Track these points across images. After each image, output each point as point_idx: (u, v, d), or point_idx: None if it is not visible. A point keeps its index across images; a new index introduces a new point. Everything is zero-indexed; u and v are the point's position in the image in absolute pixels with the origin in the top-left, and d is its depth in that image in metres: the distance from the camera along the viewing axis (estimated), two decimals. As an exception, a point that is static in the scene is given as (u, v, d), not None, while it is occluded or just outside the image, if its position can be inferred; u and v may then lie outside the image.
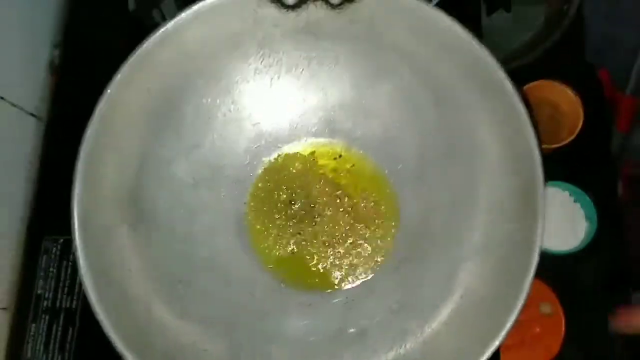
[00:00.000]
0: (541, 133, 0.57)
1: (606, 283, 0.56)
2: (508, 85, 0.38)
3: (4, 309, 0.50)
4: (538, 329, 0.54)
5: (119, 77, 0.39)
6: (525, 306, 0.54)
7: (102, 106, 0.39)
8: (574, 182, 0.56)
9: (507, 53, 0.61)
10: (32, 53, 0.56)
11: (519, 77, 0.46)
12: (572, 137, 0.55)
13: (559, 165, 0.57)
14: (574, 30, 0.59)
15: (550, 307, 0.54)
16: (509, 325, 0.35)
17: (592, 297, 0.56)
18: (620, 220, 0.57)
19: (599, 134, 0.59)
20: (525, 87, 0.56)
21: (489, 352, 0.34)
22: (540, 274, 0.54)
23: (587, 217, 0.55)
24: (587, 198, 0.55)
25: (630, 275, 0.56)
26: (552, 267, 0.56)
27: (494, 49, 0.39)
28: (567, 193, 0.56)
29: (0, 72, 0.50)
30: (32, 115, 0.56)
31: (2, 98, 0.51)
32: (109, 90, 0.38)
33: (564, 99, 0.57)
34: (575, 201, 0.56)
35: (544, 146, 0.55)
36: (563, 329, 0.53)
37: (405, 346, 0.39)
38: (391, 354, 0.39)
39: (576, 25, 0.59)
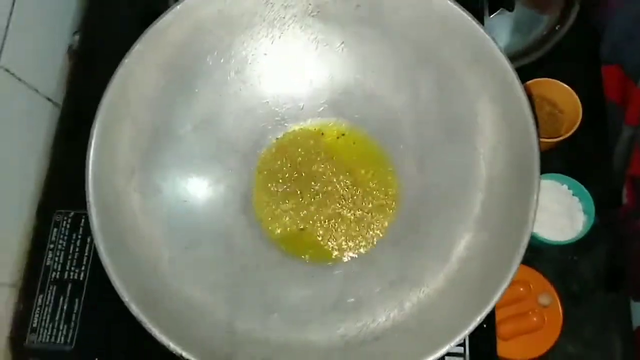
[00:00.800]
0: (540, 129, 0.59)
1: (603, 276, 0.56)
2: (508, 68, 0.40)
3: (12, 285, 0.52)
4: (536, 320, 0.54)
5: (135, 49, 0.41)
6: (525, 297, 0.56)
7: (118, 77, 0.40)
8: (573, 176, 0.57)
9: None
10: (52, 39, 0.58)
11: (520, 75, 0.47)
12: (571, 132, 0.56)
13: (559, 160, 0.59)
14: (579, 30, 0.61)
15: (549, 298, 0.55)
16: (498, 295, 0.36)
17: (590, 290, 0.56)
18: (618, 214, 0.58)
19: (598, 131, 0.60)
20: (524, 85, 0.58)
21: (481, 316, 0.35)
22: (539, 266, 0.56)
23: (585, 210, 0.56)
24: (586, 192, 0.56)
25: (626, 269, 0.57)
26: (551, 260, 0.57)
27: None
28: (565, 186, 0.57)
29: (22, 56, 0.52)
30: (49, 99, 0.58)
31: (21, 80, 0.53)
32: (126, 60, 0.40)
33: (562, 96, 0.58)
34: (573, 194, 0.57)
35: (543, 140, 0.56)
36: (561, 320, 0.54)
37: (402, 314, 0.40)
38: (389, 321, 0.40)
39: (581, 25, 0.61)
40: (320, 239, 0.45)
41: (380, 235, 0.45)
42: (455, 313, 0.38)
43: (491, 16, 0.61)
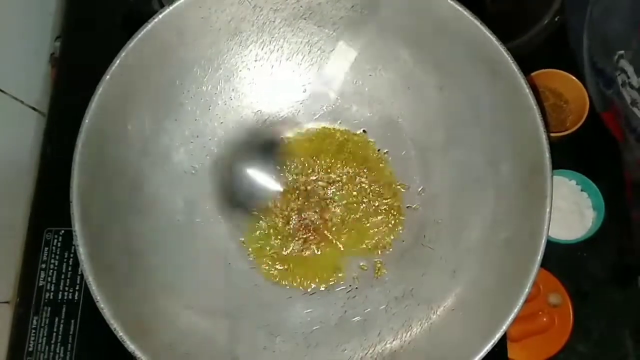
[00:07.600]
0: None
1: (614, 273, 0.55)
2: (512, 66, 0.38)
3: (6, 302, 0.50)
4: (546, 320, 0.53)
5: (117, 64, 0.38)
6: (534, 297, 0.54)
7: (100, 94, 0.38)
8: (580, 171, 0.55)
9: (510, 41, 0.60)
10: (33, 46, 0.56)
11: (524, 65, 0.45)
12: (578, 126, 0.54)
13: (566, 154, 0.56)
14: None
15: (559, 298, 0.53)
16: (515, 312, 0.34)
17: (600, 287, 0.55)
18: (628, 209, 0.56)
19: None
20: (528, 76, 0.56)
21: (494, 339, 0.34)
22: (548, 265, 0.54)
23: (594, 206, 0.54)
24: (594, 187, 0.54)
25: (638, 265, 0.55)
26: (560, 258, 0.55)
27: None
28: (573, 182, 0.55)
29: (3, 67, 0.50)
30: (33, 108, 0.55)
31: (3, 91, 0.51)
32: (107, 77, 0.38)
33: (568, 87, 0.56)
34: (582, 190, 0.55)
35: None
36: (571, 319, 0.53)
37: (410, 333, 0.38)
38: (397, 342, 0.38)
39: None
40: (320, 255, 0.43)
41: (384, 250, 0.43)
42: (467, 333, 0.36)
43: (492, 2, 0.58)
